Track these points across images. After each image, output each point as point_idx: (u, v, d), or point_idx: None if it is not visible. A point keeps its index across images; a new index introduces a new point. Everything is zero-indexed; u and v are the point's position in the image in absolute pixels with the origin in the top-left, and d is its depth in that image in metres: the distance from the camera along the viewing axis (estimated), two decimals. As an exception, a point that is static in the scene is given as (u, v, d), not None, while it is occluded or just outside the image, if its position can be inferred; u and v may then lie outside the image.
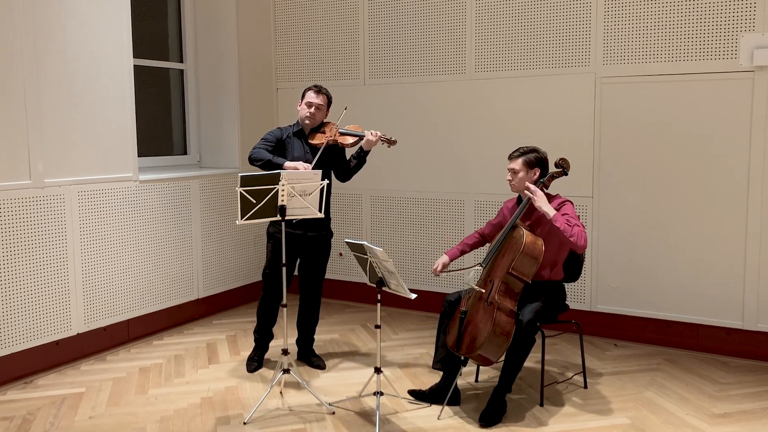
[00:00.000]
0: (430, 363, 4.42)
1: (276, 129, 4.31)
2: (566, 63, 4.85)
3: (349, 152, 4.36)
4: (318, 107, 4.19)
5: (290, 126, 4.32)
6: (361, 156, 4.23)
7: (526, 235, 3.55)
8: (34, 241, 4.18)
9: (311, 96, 4.20)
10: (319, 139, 4.19)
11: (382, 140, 4.14)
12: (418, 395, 3.82)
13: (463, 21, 5.20)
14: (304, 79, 5.91)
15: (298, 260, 4.33)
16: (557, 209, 3.63)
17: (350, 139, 4.18)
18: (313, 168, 3.97)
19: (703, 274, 4.55)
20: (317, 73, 5.86)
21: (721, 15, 4.36)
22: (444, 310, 3.83)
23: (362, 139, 4.16)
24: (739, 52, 4.32)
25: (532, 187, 3.64)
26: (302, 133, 4.25)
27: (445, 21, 5.27)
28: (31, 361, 4.21)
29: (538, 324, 3.55)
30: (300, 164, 3.99)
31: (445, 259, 3.95)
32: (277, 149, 4.20)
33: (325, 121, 4.30)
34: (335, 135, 4.17)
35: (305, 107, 4.20)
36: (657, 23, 4.55)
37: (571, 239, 3.51)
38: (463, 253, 4.01)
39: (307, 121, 4.20)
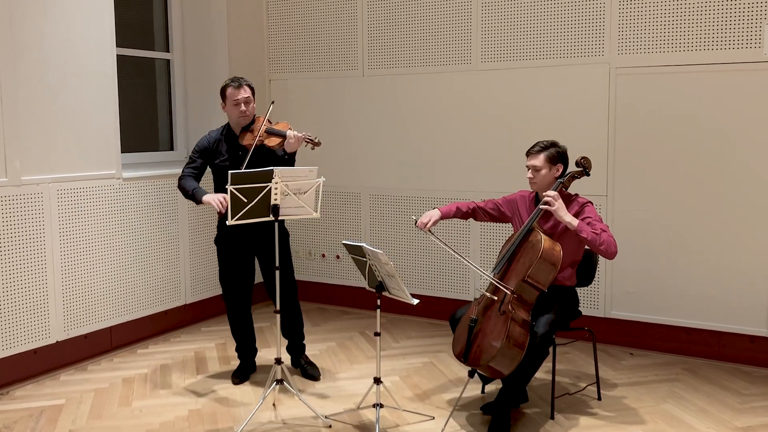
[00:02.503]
0: (433, 372, 4.43)
1: (204, 136, 4.20)
2: (579, 53, 4.85)
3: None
4: (246, 101, 4.07)
5: (219, 128, 4.24)
6: (286, 160, 4.05)
7: (544, 240, 3.52)
8: (10, 242, 4.17)
9: (234, 93, 4.05)
10: (248, 140, 4.06)
11: (305, 141, 4.00)
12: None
13: (468, 8, 5.20)
14: (298, 70, 5.92)
15: (257, 264, 4.31)
16: (578, 212, 3.62)
17: (275, 140, 4.03)
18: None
19: (725, 277, 4.55)
20: (312, 64, 5.86)
21: (744, 1, 4.36)
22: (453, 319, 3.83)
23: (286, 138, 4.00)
24: (764, 41, 4.32)
25: (551, 196, 3.54)
26: (232, 134, 4.16)
27: (449, 8, 5.27)
28: (8, 370, 4.21)
29: (554, 337, 3.55)
30: (214, 200, 3.83)
31: (436, 214, 3.82)
32: (208, 160, 4.14)
33: (255, 115, 4.19)
34: (262, 135, 4.02)
35: (233, 108, 4.06)
36: (676, 10, 4.55)
37: (601, 248, 3.49)
38: (452, 214, 3.90)
39: (242, 120, 4.10)
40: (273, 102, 4.23)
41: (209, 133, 4.24)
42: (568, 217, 3.53)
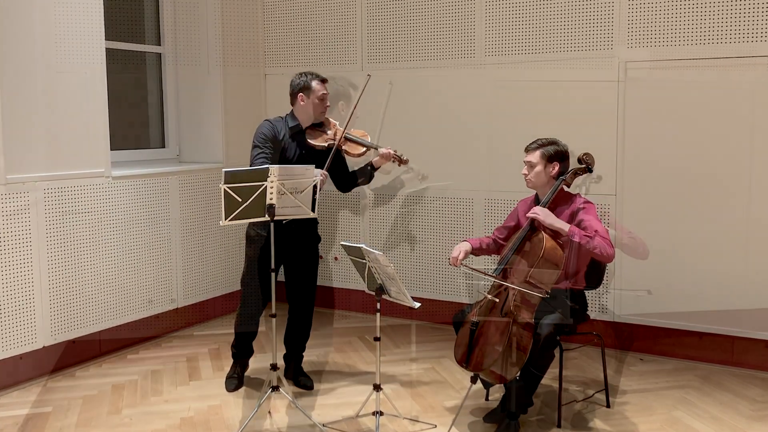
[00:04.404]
0: (435, 378, 4.43)
1: (265, 124, 4.13)
2: (586, 46, 4.85)
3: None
4: (328, 98, 4.16)
5: (280, 119, 4.20)
6: (370, 172, 4.20)
7: (546, 239, 3.54)
8: (-5, 243, 4.19)
9: (320, 87, 4.10)
10: (321, 140, 4.10)
11: (394, 159, 4.13)
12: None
13: (471, 1, 5.20)
14: (295, 65, 5.91)
15: (282, 268, 4.32)
16: (575, 212, 3.63)
17: (360, 149, 4.13)
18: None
19: (739, 281, 4.54)
20: (310, 59, 5.85)
21: (759, -8, 4.37)
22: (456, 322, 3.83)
23: (370, 150, 4.12)
24: (779, 34, 4.33)
25: (535, 210, 3.60)
26: (299, 131, 4.16)
27: (452, 1, 5.27)
28: (-8, 377, 4.22)
29: (558, 338, 3.55)
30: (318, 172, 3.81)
31: (466, 246, 3.87)
32: (275, 151, 4.09)
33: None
34: (341, 141, 4.10)
35: (317, 103, 4.08)
36: (687, 1, 4.54)
37: (595, 251, 3.49)
38: (480, 248, 3.95)
39: (321, 117, 4.15)
40: (369, 75, 4.20)
41: (270, 122, 4.14)
42: (558, 223, 3.54)
